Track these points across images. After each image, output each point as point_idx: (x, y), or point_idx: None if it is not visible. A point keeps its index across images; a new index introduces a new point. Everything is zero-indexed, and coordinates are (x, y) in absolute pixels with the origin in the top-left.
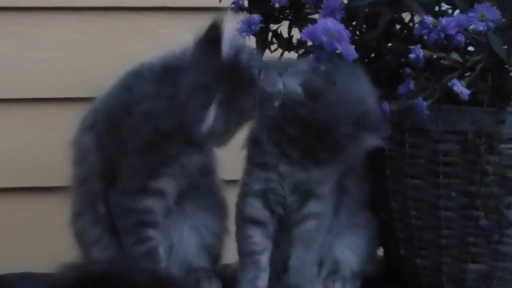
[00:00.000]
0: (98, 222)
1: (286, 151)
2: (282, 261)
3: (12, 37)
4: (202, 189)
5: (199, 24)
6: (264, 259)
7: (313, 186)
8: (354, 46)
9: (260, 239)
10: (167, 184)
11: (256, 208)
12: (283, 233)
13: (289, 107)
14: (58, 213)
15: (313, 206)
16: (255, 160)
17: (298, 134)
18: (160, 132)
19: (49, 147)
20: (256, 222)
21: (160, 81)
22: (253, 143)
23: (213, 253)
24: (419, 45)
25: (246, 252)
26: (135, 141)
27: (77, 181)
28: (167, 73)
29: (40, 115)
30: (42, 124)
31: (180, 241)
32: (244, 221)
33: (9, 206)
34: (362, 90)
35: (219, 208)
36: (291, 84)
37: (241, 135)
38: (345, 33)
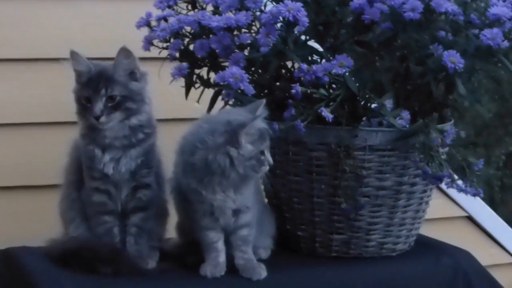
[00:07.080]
0: (72, 206)
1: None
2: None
3: None
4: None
5: None
6: (220, 245)
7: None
8: (252, 85)
9: (214, 234)
10: (104, 185)
11: (209, 221)
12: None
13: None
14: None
15: (243, 218)
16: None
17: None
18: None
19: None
20: (209, 228)
21: None
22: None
23: (158, 239)
24: (298, 84)
25: (207, 243)
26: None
27: (63, 176)
28: None
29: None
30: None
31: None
32: (203, 228)
33: (14, 198)
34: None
35: (163, 216)
36: None
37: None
38: (245, 76)
